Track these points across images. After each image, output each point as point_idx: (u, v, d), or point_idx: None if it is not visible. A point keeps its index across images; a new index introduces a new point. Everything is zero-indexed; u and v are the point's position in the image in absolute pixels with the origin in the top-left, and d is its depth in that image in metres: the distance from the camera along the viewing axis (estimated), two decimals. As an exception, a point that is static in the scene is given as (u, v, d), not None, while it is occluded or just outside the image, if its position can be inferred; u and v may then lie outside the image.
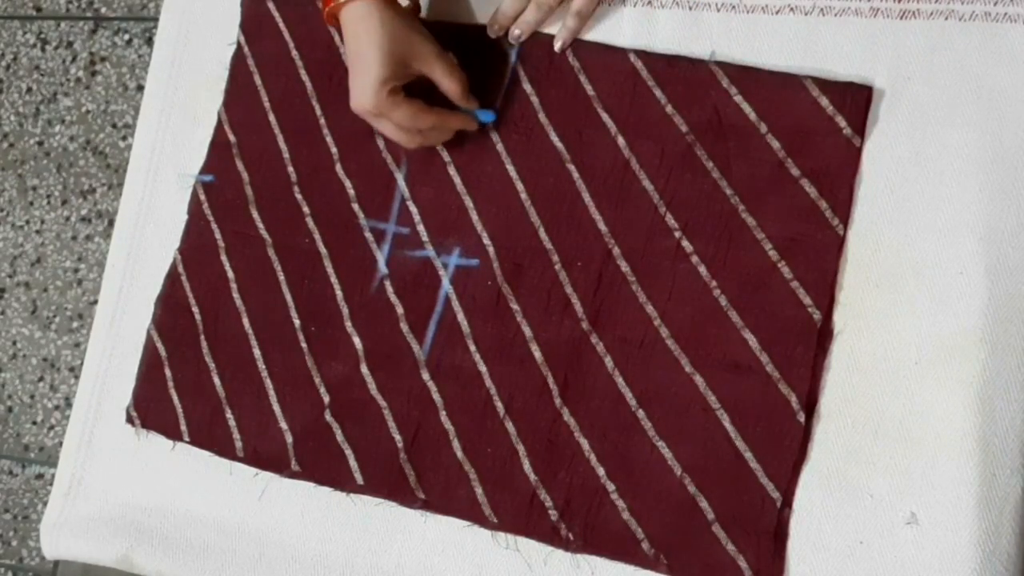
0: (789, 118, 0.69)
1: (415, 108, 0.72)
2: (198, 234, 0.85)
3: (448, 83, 0.73)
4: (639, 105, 0.74)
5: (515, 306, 0.74)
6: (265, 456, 0.78)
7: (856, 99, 0.69)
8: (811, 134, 0.69)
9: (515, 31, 0.77)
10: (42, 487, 1.68)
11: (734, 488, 0.66)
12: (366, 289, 0.78)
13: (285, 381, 0.79)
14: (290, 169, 0.83)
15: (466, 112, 0.75)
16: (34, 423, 1.70)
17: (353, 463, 0.75)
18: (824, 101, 0.69)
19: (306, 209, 0.81)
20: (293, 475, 0.77)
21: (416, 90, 0.73)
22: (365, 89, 0.71)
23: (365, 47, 0.70)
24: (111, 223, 1.66)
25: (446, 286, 0.76)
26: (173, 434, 0.81)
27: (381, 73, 0.70)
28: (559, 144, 0.75)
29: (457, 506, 0.72)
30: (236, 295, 0.82)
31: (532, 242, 0.74)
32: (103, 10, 1.76)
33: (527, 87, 0.77)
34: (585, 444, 0.70)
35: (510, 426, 0.72)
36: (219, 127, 0.86)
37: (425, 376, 0.75)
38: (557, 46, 0.76)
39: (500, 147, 0.77)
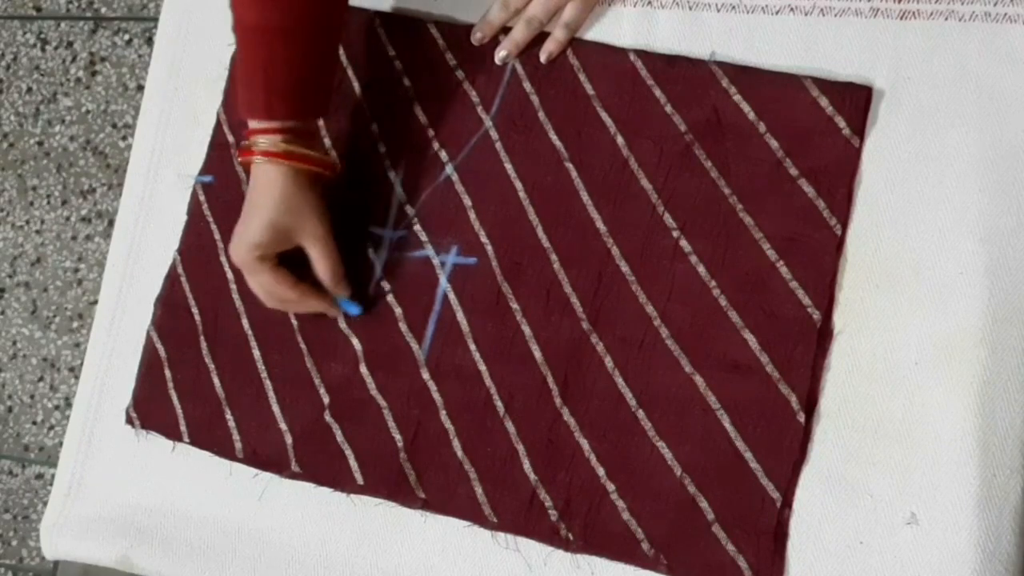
0: (788, 118, 0.69)
1: (277, 278, 0.73)
2: (197, 235, 0.84)
3: (322, 267, 0.74)
4: (638, 105, 0.74)
5: (515, 305, 0.74)
6: (265, 457, 0.78)
7: (855, 99, 0.69)
8: (810, 134, 0.69)
9: (501, 52, 0.76)
10: (42, 487, 1.68)
11: (734, 488, 0.66)
12: (364, 291, 0.78)
13: (285, 382, 0.79)
14: (290, 169, 0.82)
15: (332, 298, 0.76)
16: (34, 423, 1.70)
17: (353, 463, 0.75)
18: (824, 101, 0.69)
19: (306, 209, 0.81)
20: (293, 476, 0.77)
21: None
22: (239, 245, 0.73)
23: (254, 208, 0.72)
24: (111, 223, 1.66)
25: (444, 285, 0.76)
26: (173, 434, 0.81)
27: (256, 239, 0.71)
28: (558, 143, 0.75)
29: (457, 506, 0.72)
30: (235, 296, 0.82)
31: (531, 241, 0.74)
32: (103, 10, 1.76)
33: (527, 86, 0.77)
34: (585, 444, 0.70)
35: (510, 426, 0.72)
36: (218, 127, 0.86)
37: (425, 376, 0.75)
38: (543, 57, 0.76)
39: (499, 146, 0.77)
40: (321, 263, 0.74)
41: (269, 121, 0.71)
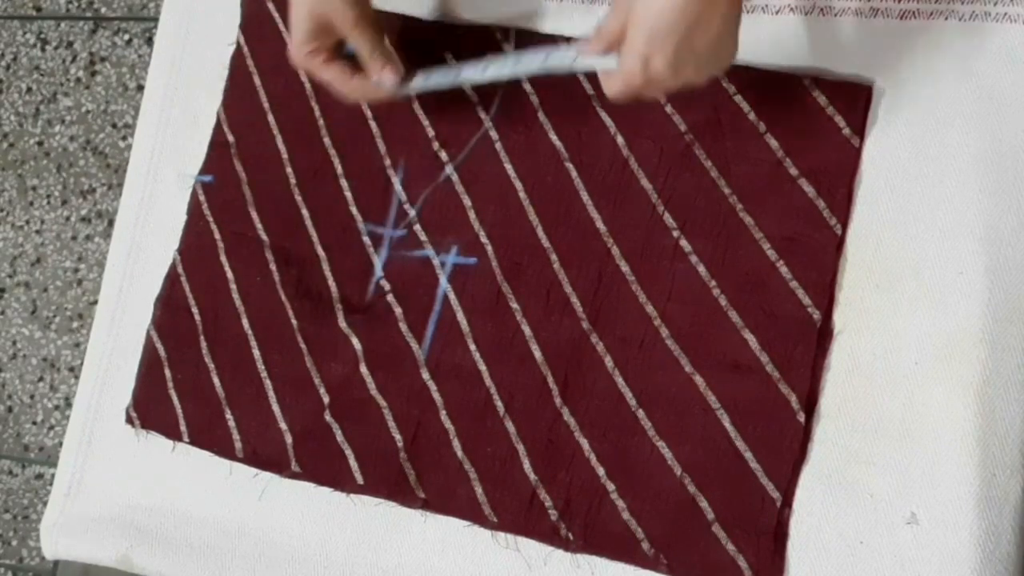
0: (788, 118, 0.69)
1: (334, 73, 0.72)
2: (197, 235, 0.84)
3: (361, 52, 0.72)
4: (638, 104, 0.73)
5: (515, 305, 0.74)
6: (265, 456, 0.78)
7: (855, 99, 0.69)
8: (810, 134, 0.69)
9: None
10: (42, 487, 1.68)
11: (734, 488, 0.66)
12: (364, 291, 0.78)
13: (285, 381, 0.79)
14: (288, 170, 0.83)
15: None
16: (34, 423, 1.70)
17: (353, 463, 0.75)
18: (823, 101, 0.69)
19: (304, 211, 0.81)
20: (293, 475, 0.77)
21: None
22: (291, 49, 0.72)
23: (296, 4, 0.70)
24: (111, 223, 1.66)
25: (444, 285, 0.76)
26: (173, 434, 0.81)
27: (299, 35, 0.70)
28: (558, 143, 0.75)
29: (457, 506, 0.72)
30: (235, 295, 0.82)
31: (531, 241, 0.74)
32: (103, 10, 1.76)
33: (526, 86, 0.77)
34: (585, 444, 0.70)
35: (510, 425, 0.72)
36: (218, 127, 0.86)
37: (425, 375, 0.75)
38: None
39: (499, 146, 0.77)
40: (361, 45, 0.72)
41: None
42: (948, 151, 0.67)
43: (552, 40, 0.77)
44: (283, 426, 0.78)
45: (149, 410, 0.83)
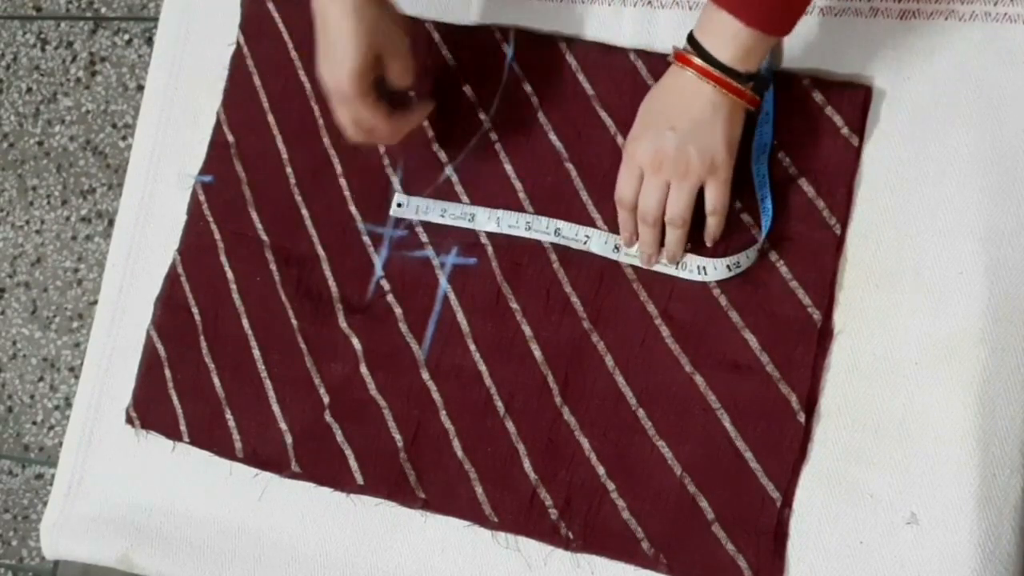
0: (787, 118, 0.69)
1: (377, 109, 0.70)
2: (197, 235, 0.84)
3: (397, 71, 0.70)
4: (638, 104, 0.73)
5: (514, 305, 0.74)
6: (265, 456, 0.78)
7: (855, 99, 0.69)
8: (810, 134, 0.69)
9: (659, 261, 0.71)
10: (42, 487, 1.68)
11: (734, 488, 0.66)
12: (364, 291, 0.78)
13: (285, 382, 0.79)
14: (288, 170, 0.83)
15: (415, 109, 0.74)
16: (34, 423, 1.69)
17: (353, 463, 0.75)
18: (823, 101, 0.69)
19: (304, 211, 0.81)
20: (293, 476, 0.77)
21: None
22: (340, 79, 0.68)
23: (341, 37, 0.67)
24: (111, 223, 1.66)
25: (444, 285, 0.76)
26: (173, 434, 0.81)
27: (356, 64, 0.67)
28: (558, 143, 0.75)
29: (457, 506, 0.72)
30: (235, 295, 0.82)
31: (531, 241, 0.74)
32: (103, 10, 1.76)
33: (526, 87, 0.77)
34: (585, 443, 0.70)
35: (510, 425, 0.72)
36: (218, 127, 0.86)
37: (425, 376, 0.75)
38: (709, 242, 0.69)
39: (499, 146, 0.77)
40: (397, 70, 0.70)
41: None
42: (948, 151, 0.67)
43: (551, 40, 0.76)
44: (283, 426, 0.78)
45: (149, 410, 0.83)
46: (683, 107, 0.64)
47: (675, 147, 0.64)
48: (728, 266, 0.68)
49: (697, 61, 0.62)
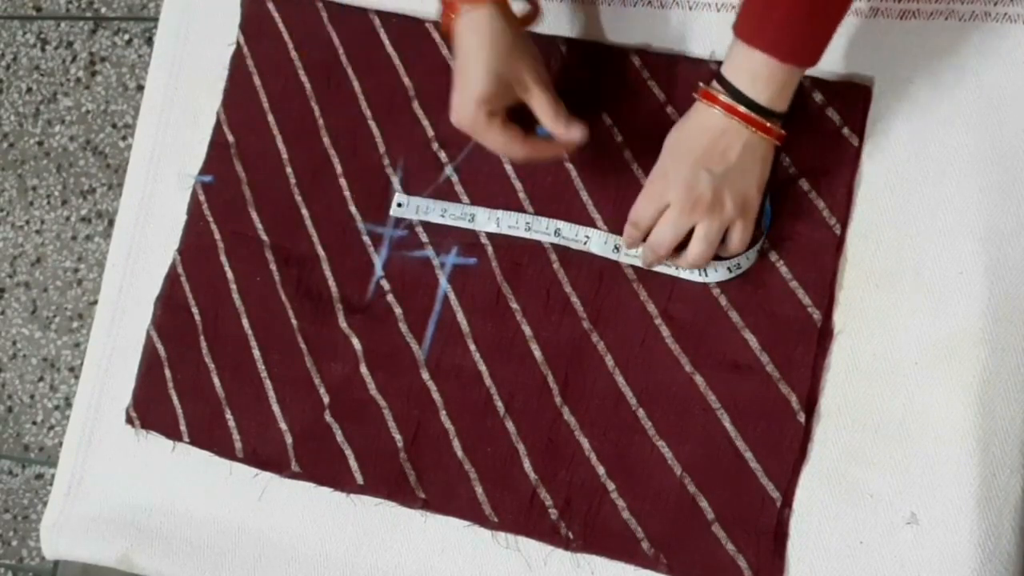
0: (787, 118, 0.69)
1: (509, 136, 0.68)
2: (197, 235, 0.84)
3: (542, 113, 0.68)
4: (639, 104, 0.74)
5: (515, 305, 0.74)
6: (265, 456, 0.78)
7: (855, 99, 0.69)
8: (810, 134, 0.69)
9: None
10: (42, 487, 1.68)
11: (734, 488, 0.66)
12: (364, 291, 0.78)
13: (285, 382, 0.79)
14: (288, 170, 0.83)
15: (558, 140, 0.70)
16: (34, 423, 1.69)
17: (353, 463, 0.75)
18: (823, 101, 0.69)
19: (304, 211, 0.81)
20: (293, 475, 0.77)
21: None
22: (464, 105, 0.67)
23: (470, 63, 0.67)
24: (111, 223, 1.66)
25: (444, 285, 0.76)
26: (173, 434, 0.81)
27: (481, 90, 0.66)
28: (559, 144, 0.75)
29: (457, 506, 0.72)
30: (235, 295, 0.82)
31: (531, 241, 0.74)
32: (103, 10, 1.76)
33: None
34: (585, 443, 0.70)
35: (510, 425, 0.72)
36: (218, 127, 0.86)
37: (425, 376, 0.75)
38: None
39: (500, 147, 0.77)
40: (543, 107, 0.68)
41: None
42: (948, 151, 0.67)
43: (551, 40, 0.76)
44: (283, 426, 0.78)
45: (149, 410, 0.83)
46: (718, 149, 0.63)
47: (711, 190, 0.63)
48: (729, 268, 0.68)
49: (724, 99, 0.61)
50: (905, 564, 0.62)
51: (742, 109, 0.61)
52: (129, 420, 0.83)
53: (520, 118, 0.69)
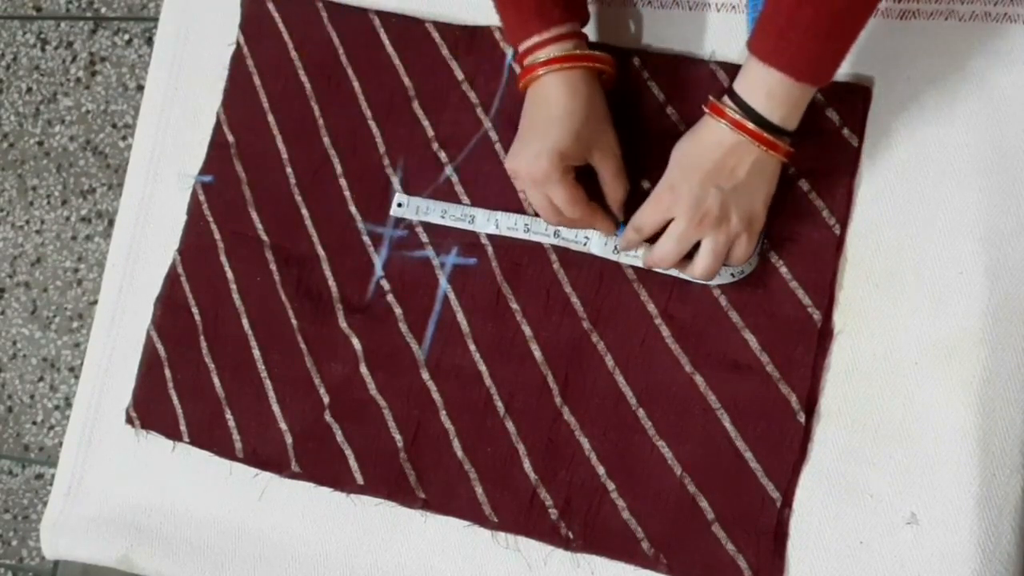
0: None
1: (575, 195, 0.67)
2: (197, 235, 0.84)
3: (612, 186, 0.69)
4: (639, 104, 0.74)
5: (515, 305, 0.74)
6: (265, 456, 0.78)
7: (855, 99, 0.69)
8: (810, 134, 0.69)
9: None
10: (42, 487, 1.68)
11: (734, 488, 0.66)
12: (364, 291, 0.78)
13: (285, 382, 0.79)
14: (288, 170, 0.83)
15: (612, 218, 0.71)
16: (34, 423, 1.69)
17: (353, 463, 0.75)
18: (823, 101, 0.69)
19: (304, 211, 0.81)
20: (293, 475, 0.77)
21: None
22: (541, 155, 0.66)
23: (561, 114, 0.66)
24: (111, 223, 1.66)
25: (444, 286, 0.76)
26: (173, 434, 0.81)
27: (563, 146, 0.66)
28: (559, 144, 0.75)
29: (457, 506, 0.72)
30: (235, 295, 0.82)
31: (531, 241, 0.74)
32: (103, 10, 1.76)
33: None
34: (585, 443, 0.70)
35: (510, 425, 0.72)
36: (218, 127, 0.86)
37: (425, 376, 0.75)
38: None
39: (498, 146, 0.77)
40: (613, 183, 0.69)
41: (545, 32, 0.67)
42: (948, 151, 0.67)
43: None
44: (283, 426, 0.78)
45: (149, 410, 0.83)
46: (728, 165, 0.62)
47: (719, 206, 0.63)
48: (732, 274, 0.68)
49: (734, 115, 0.61)
50: (905, 564, 0.62)
51: (752, 127, 0.61)
52: (129, 420, 0.83)
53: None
